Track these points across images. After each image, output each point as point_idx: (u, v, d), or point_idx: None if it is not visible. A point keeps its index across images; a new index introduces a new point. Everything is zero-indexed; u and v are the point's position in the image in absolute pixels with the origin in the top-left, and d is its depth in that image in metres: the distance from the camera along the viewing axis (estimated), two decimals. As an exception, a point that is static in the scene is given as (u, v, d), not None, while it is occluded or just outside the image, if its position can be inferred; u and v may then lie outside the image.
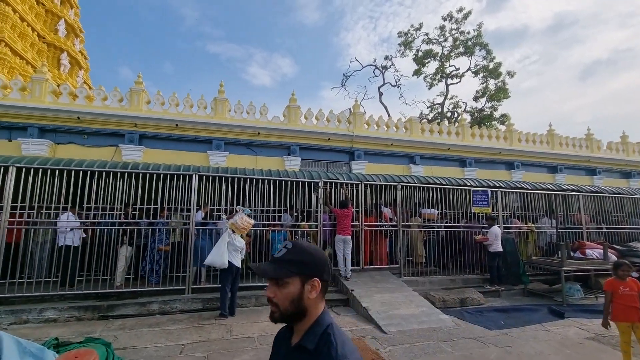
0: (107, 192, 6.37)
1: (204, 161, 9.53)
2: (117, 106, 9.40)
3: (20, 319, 5.11)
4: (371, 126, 11.26)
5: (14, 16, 13.13)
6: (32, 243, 5.99)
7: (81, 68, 17.73)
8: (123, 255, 6.19)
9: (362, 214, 7.61)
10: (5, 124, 8.64)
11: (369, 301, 5.89)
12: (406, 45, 23.30)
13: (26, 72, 13.27)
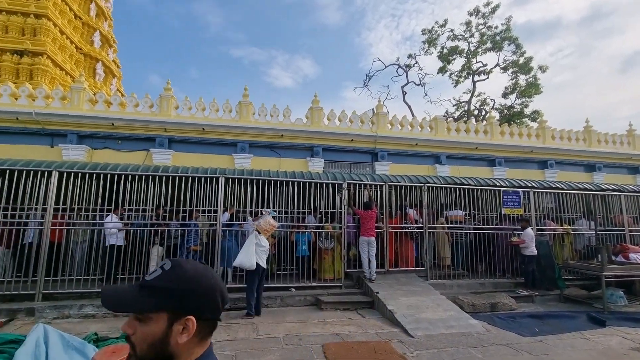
0: (139, 195, 6.67)
1: (229, 163, 9.76)
2: (147, 112, 9.82)
3: (62, 314, 5.44)
4: (395, 126, 11.10)
5: (54, 30, 14.05)
6: (72, 243, 6.38)
7: (114, 76, 18.69)
8: (155, 255, 6.44)
9: (387, 216, 7.51)
10: (48, 131, 9.25)
11: (394, 304, 5.80)
12: (430, 43, 22.79)
13: (65, 81, 14.16)
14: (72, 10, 15.77)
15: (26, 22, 13.48)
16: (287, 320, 5.49)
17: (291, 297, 6.43)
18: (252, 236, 5.62)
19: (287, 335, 4.75)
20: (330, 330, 5.03)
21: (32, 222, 6.16)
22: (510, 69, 22.00)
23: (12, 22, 13.37)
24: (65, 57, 14.74)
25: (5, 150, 8.90)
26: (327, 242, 7.13)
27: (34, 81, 12.55)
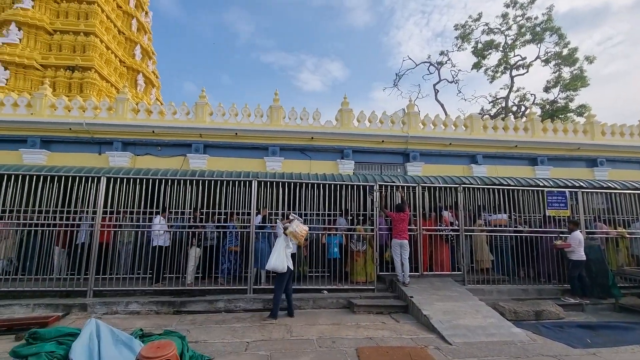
0: (177, 198, 7.00)
1: (260, 167, 9.98)
2: (184, 119, 10.30)
3: (111, 310, 5.82)
4: (427, 126, 10.81)
5: (101, 46, 15.18)
6: (118, 243, 6.83)
7: (154, 86, 19.83)
8: (192, 256, 6.72)
9: (420, 218, 7.31)
10: (96, 140, 9.98)
11: (429, 309, 5.62)
12: (464, 38, 21.99)
13: (111, 93, 15.23)
14: (116, 27, 16.95)
15: (77, 40, 14.67)
16: (319, 322, 5.49)
17: (323, 299, 6.43)
18: (282, 239, 5.69)
19: (321, 338, 4.75)
20: (363, 334, 4.97)
21: (84, 224, 6.67)
22: (552, 62, 20.68)
23: (65, 41, 14.61)
24: (111, 70, 15.85)
25: (60, 158, 9.72)
26: (358, 244, 7.07)
27: (84, 94, 13.62)
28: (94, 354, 3.03)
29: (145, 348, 2.98)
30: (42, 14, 14.58)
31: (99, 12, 15.44)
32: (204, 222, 7.10)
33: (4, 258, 6.64)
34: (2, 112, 9.83)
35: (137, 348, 3.25)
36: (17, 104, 10.00)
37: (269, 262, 5.56)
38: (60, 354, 3.03)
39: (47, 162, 9.60)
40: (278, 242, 5.70)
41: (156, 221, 6.69)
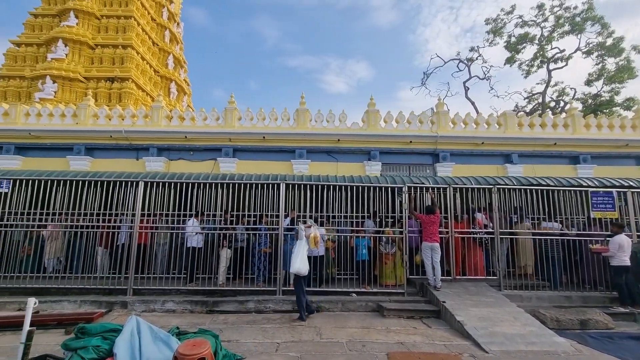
0: (208, 201, 7.23)
1: (288, 169, 10.11)
2: (214, 124, 10.65)
3: (149, 308, 6.11)
4: (457, 125, 10.48)
5: (137, 57, 16.06)
6: (155, 245, 7.16)
7: (185, 94, 20.68)
8: (224, 257, 6.90)
9: (452, 220, 7.07)
10: (134, 146, 10.55)
11: (463, 315, 5.41)
12: (496, 33, 21.10)
13: (146, 101, 16.06)
14: (150, 38, 17.87)
15: (115, 52, 15.62)
16: (349, 325, 5.45)
17: (352, 302, 6.38)
18: (302, 242, 5.75)
19: (350, 341, 4.71)
20: (394, 338, 4.87)
21: (124, 225, 7.05)
22: (594, 53, 19.37)
23: (105, 54, 15.60)
24: (146, 80, 16.72)
25: (101, 164, 10.37)
26: (387, 246, 6.96)
27: (122, 103, 14.45)
28: (135, 350, 3.19)
29: (182, 346, 3.09)
30: (85, 30, 15.67)
31: (135, 26, 16.36)
32: (234, 224, 7.27)
33: (54, 257, 7.17)
34: (51, 122, 10.65)
35: (174, 345, 3.38)
36: (65, 114, 10.79)
37: (292, 265, 5.59)
38: (105, 348, 3.21)
39: (91, 167, 10.27)
40: (300, 245, 5.73)
41: (190, 223, 6.95)
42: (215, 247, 6.92)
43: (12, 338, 4.70)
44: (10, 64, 15.35)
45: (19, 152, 10.47)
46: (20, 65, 15.28)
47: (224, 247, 6.92)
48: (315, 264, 6.80)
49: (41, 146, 10.55)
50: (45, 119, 10.71)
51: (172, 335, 3.68)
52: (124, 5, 16.67)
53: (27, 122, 10.66)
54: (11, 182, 6.88)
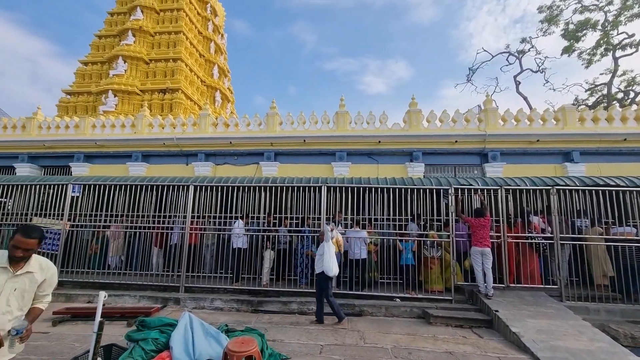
0: (251, 204, 7.47)
1: (328, 172, 10.14)
2: (257, 129, 11.02)
3: (199, 305, 6.43)
4: (508, 122, 9.79)
5: (186, 69, 17.15)
6: (204, 245, 7.55)
7: (229, 101, 21.66)
8: (267, 258, 7.07)
9: (504, 224, 6.61)
10: (184, 152, 11.24)
11: (520, 326, 5.01)
12: (551, 21, 19.45)
13: (194, 110, 17.05)
14: (197, 51, 19.00)
15: (167, 66, 16.81)
16: (393, 331, 5.29)
17: (396, 307, 6.20)
18: (330, 244, 5.72)
19: (396, 347, 4.57)
20: (442, 347, 4.64)
21: (176, 227, 7.52)
22: (670, 36, 17.13)
23: (158, 68, 16.85)
24: (194, 90, 17.78)
25: (155, 169, 11.18)
26: (432, 250, 6.67)
27: (173, 112, 15.49)
28: (189, 344, 3.36)
29: (232, 342, 3.20)
30: (141, 47, 17.07)
31: (184, 40, 17.49)
32: (276, 226, 7.43)
33: (116, 255, 7.85)
34: (113, 132, 11.71)
35: (223, 341, 3.51)
36: (124, 124, 11.81)
37: (328, 269, 5.53)
38: (163, 341, 3.43)
39: (147, 173, 11.12)
40: (329, 247, 5.68)
41: (236, 225, 7.22)
42: (259, 249, 7.12)
43: (83, 327, 5.21)
44: (79, 81, 17.17)
45: (87, 160, 11.64)
46: (87, 82, 17.02)
47: (267, 249, 7.10)
48: (357, 267, 6.74)
49: (105, 154, 11.63)
50: (108, 130, 11.81)
51: (222, 332, 3.83)
52: (174, 22, 17.91)
53: (94, 132, 11.83)
54: (82, 187, 7.66)
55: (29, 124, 12.19)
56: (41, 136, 11.91)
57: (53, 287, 2.50)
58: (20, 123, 12.32)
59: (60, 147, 11.70)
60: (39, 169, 12.04)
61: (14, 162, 11.86)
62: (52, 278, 2.45)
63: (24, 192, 8.04)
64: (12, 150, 11.94)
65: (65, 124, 12.10)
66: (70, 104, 16.38)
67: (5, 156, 12.03)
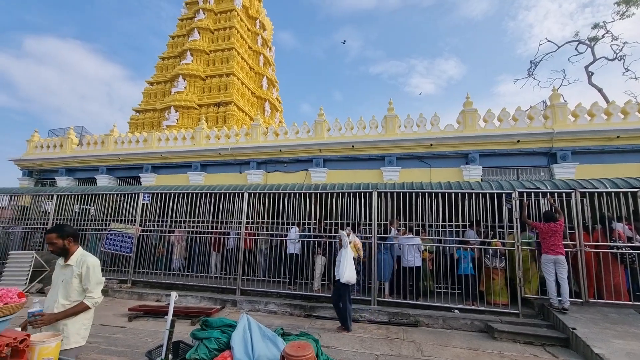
0: (303, 209, 7.57)
1: (377, 177, 9.96)
2: (305, 137, 11.24)
3: (254, 308, 6.66)
4: (580, 117, 8.80)
5: (238, 83, 18.15)
6: (257, 250, 7.82)
7: (277, 110, 22.44)
8: (319, 264, 7.11)
9: (580, 231, 5.90)
10: (238, 161, 11.84)
11: (603, 347, 4.40)
12: (629, 2, 17.25)
13: (245, 121, 17.93)
14: (248, 65, 20.03)
15: (221, 81, 17.95)
16: (453, 344, 4.97)
17: (455, 319, 5.82)
18: (348, 250, 5.52)
19: (457, 362, 4.28)
20: (511, 366, 4.25)
21: (232, 232, 7.90)
22: None
23: (213, 83, 18.06)
24: (245, 102, 18.73)
25: (212, 178, 11.90)
26: (495, 260, 6.17)
27: (227, 124, 16.43)
28: (248, 345, 3.47)
29: (289, 346, 3.23)
30: (198, 65, 18.46)
31: (236, 55, 18.57)
32: (327, 232, 7.43)
33: (179, 258, 8.46)
34: (176, 145, 12.75)
35: (280, 345, 3.56)
36: (185, 137, 12.80)
37: (342, 275, 5.33)
38: (224, 341, 3.58)
39: (204, 181, 11.90)
40: (347, 254, 5.49)
41: (292, 231, 7.36)
42: (310, 254, 7.18)
43: (154, 323, 5.66)
44: (146, 100, 19.04)
45: (154, 170, 12.80)
46: (152, 100, 18.80)
47: (318, 255, 7.13)
48: (411, 275, 6.48)
49: (169, 165, 12.69)
50: (172, 142, 12.88)
51: (278, 335, 3.90)
52: (227, 39, 19.12)
53: (159, 145, 12.99)
54: (151, 195, 8.42)
55: (107, 140, 13.78)
56: (116, 150, 13.38)
57: (93, 282, 2.53)
58: (100, 139, 13.98)
59: (132, 159, 13.02)
60: (115, 180, 13.51)
61: (94, 174, 13.46)
62: (87, 272, 2.52)
63: (103, 201, 9.05)
64: (93, 163, 13.57)
65: (136, 139, 13.47)
66: (139, 121, 18.20)
67: (88, 169, 13.71)
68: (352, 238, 5.83)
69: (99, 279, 2.61)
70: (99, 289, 2.59)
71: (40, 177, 14.64)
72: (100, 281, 2.63)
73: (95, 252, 8.78)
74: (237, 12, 19.84)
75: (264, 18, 23.23)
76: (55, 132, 15.70)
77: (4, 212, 9.81)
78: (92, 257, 2.65)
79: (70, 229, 2.65)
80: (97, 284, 2.59)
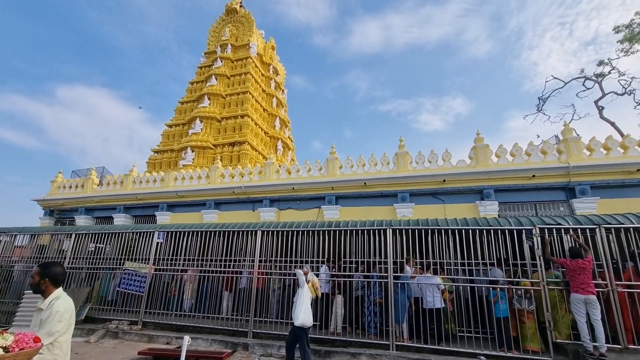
0: (316, 247, 7.44)
1: (391, 214, 9.84)
2: (317, 175, 11.37)
3: (266, 352, 6.34)
4: (595, 151, 8.68)
5: (252, 124, 18.86)
6: (270, 290, 7.61)
7: (289, 149, 22.97)
8: (339, 303, 6.80)
9: (610, 270, 5.58)
10: (251, 199, 11.95)
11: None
12: (632, 39, 17.71)
13: (258, 159, 18.36)
14: (261, 106, 20.93)
15: (236, 122, 18.69)
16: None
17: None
18: (306, 290, 5.27)
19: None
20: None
21: (245, 271, 7.77)
22: None
23: (228, 124, 18.81)
24: (258, 141, 19.31)
25: (226, 216, 11.98)
26: (524, 302, 5.79)
27: (241, 162, 16.85)
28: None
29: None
30: (215, 107, 19.40)
31: (250, 98, 19.50)
32: (341, 271, 7.23)
33: (190, 298, 8.29)
34: (191, 184, 13.05)
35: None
36: (200, 176, 13.12)
37: (296, 316, 5.02)
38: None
39: (218, 219, 11.96)
40: (303, 294, 5.23)
41: (322, 270, 7.12)
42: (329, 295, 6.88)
43: (162, 370, 5.43)
44: (164, 141, 19.85)
45: (169, 209, 13.00)
46: (170, 141, 19.59)
47: (338, 294, 6.87)
48: (431, 317, 6.14)
49: (184, 203, 12.90)
50: (187, 182, 13.20)
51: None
52: (242, 84, 20.21)
53: (175, 184, 13.31)
54: (166, 234, 8.49)
55: (125, 180, 14.24)
56: (134, 190, 13.75)
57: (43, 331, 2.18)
58: (119, 179, 14.46)
59: (149, 198, 13.32)
60: (131, 218, 13.74)
61: (112, 213, 13.75)
62: (47, 317, 2.25)
63: (119, 239, 9.15)
64: (111, 202, 13.92)
65: (153, 179, 13.87)
66: (157, 161, 18.86)
67: (106, 208, 14.04)
68: (310, 277, 5.56)
69: (52, 330, 2.21)
70: (47, 340, 2.16)
71: (61, 216, 15.02)
72: (52, 333, 2.20)
73: (108, 292, 8.72)
74: (252, 59, 21.17)
75: (277, 64, 24.64)
76: (78, 172, 16.37)
77: (24, 251, 9.98)
78: (65, 302, 2.39)
79: (53, 271, 2.45)
80: (47, 335, 2.18)
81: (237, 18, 23.41)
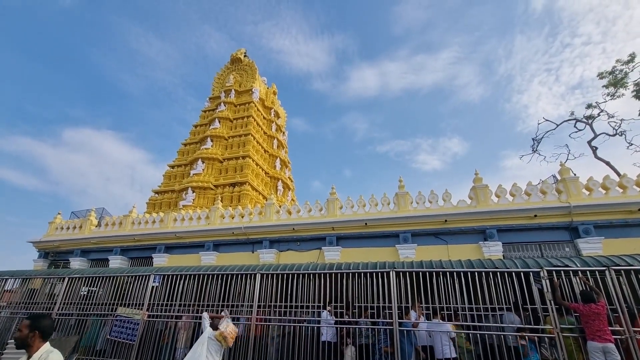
0: (315, 291, 7.15)
1: (393, 255, 9.63)
2: (318, 215, 11.29)
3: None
4: (594, 191, 8.72)
5: (252, 164, 19.14)
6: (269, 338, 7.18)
7: (289, 189, 23.06)
8: (348, 355, 6.33)
9: (625, 314, 5.32)
10: (250, 240, 11.76)
11: None
12: (616, 84, 18.62)
13: (258, 199, 18.36)
14: (262, 148, 21.39)
15: (237, 163, 18.98)
16: None
17: None
18: (205, 335, 4.98)
19: None
20: None
21: (242, 317, 7.39)
22: None
23: (230, 165, 19.08)
24: (259, 182, 19.45)
25: (224, 258, 11.70)
26: (553, 351, 5.40)
27: (241, 203, 16.83)
28: None
29: None
30: (217, 149, 19.81)
31: (252, 140, 19.99)
32: (356, 317, 6.84)
33: (184, 347, 7.79)
34: (190, 224, 12.91)
35: None
36: (200, 217, 13.02)
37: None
38: None
39: (216, 261, 11.66)
40: (201, 342, 4.89)
41: (324, 316, 6.71)
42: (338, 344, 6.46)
43: None
44: (166, 181, 20.00)
45: (167, 250, 12.73)
46: (172, 182, 19.74)
47: (348, 345, 6.45)
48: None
49: (182, 245, 12.66)
50: (187, 222, 13.07)
51: None
52: (244, 127, 20.84)
53: (174, 225, 13.16)
54: (161, 277, 8.22)
55: (124, 220, 14.11)
56: (132, 231, 13.56)
57: None
58: (118, 220, 14.32)
59: (146, 239, 13.09)
60: (127, 260, 13.40)
61: (108, 255, 13.43)
62: None
63: (112, 283, 8.83)
64: (108, 244, 13.66)
65: (152, 219, 13.75)
66: (157, 201, 18.84)
67: (103, 250, 13.75)
68: (223, 326, 5.10)
69: None
70: None
71: (55, 258, 14.66)
72: None
73: (97, 339, 8.22)
74: (254, 103, 22.05)
75: (278, 107, 25.61)
76: (78, 213, 16.26)
77: (13, 296, 9.59)
78: (57, 355, 2.33)
79: (44, 324, 2.40)
80: None
81: (241, 66, 24.77)
